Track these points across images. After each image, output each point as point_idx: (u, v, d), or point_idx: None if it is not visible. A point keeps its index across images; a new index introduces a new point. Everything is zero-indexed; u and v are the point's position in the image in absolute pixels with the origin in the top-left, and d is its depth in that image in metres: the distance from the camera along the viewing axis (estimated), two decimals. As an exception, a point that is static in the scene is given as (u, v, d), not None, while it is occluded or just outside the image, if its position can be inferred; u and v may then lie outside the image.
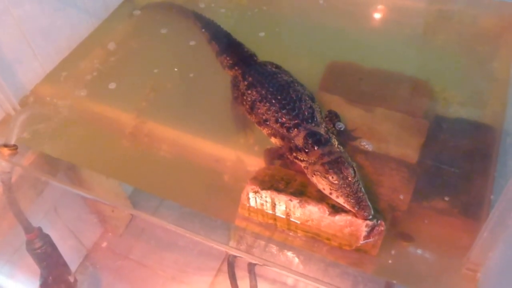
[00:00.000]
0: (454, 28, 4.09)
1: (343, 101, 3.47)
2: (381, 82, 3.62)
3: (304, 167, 2.86)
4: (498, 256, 2.27)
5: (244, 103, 3.29)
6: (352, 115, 3.32)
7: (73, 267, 3.96)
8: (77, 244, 4.14)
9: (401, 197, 2.83)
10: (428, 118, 3.28)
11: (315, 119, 3.03)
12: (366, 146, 3.14)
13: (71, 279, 3.62)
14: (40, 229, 3.38)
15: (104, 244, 4.34)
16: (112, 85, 3.74)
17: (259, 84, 3.23)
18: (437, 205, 2.82)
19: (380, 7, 4.36)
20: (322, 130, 2.99)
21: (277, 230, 2.79)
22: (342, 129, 3.17)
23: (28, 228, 3.31)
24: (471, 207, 2.79)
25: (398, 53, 3.90)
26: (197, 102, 3.57)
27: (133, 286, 4.04)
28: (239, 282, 3.98)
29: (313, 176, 2.77)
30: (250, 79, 3.32)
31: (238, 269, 3.92)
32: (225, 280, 4.04)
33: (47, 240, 3.35)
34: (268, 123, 3.11)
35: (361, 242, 2.61)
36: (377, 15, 4.32)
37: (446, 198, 2.84)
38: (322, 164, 2.71)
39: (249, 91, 3.26)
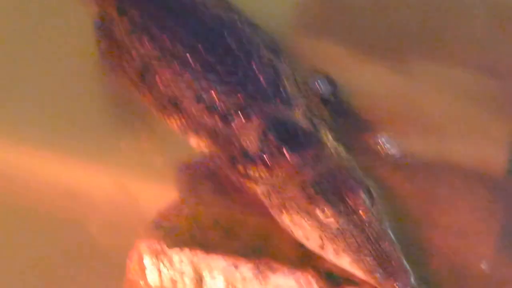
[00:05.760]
0: None
1: (344, 50, 2.38)
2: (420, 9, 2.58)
3: (263, 194, 2.14)
4: None
5: (127, 65, 2.37)
6: (364, 79, 2.33)
7: None
8: None
9: (476, 247, 2.07)
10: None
11: (282, 93, 2.27)
12: (397, 144, 2.25)
13: None
14: None
15: None
16: None
17: (157, 24, 2.35)
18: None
19: None
20: (299, 115, 2.26)
21: None
22: (335, 101, 2.32)
23: None
24: None
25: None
26: (22, 80, 2.54)
27: None
28: None
29: (282, 212, 2.03)
30: (136, 14, 2.39)
31: None
32: None
33: None
34: (180, 105, 2.31)
35: None
36: None
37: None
38: (302, 186, 1.99)
39: (136, 39, 2.36)
